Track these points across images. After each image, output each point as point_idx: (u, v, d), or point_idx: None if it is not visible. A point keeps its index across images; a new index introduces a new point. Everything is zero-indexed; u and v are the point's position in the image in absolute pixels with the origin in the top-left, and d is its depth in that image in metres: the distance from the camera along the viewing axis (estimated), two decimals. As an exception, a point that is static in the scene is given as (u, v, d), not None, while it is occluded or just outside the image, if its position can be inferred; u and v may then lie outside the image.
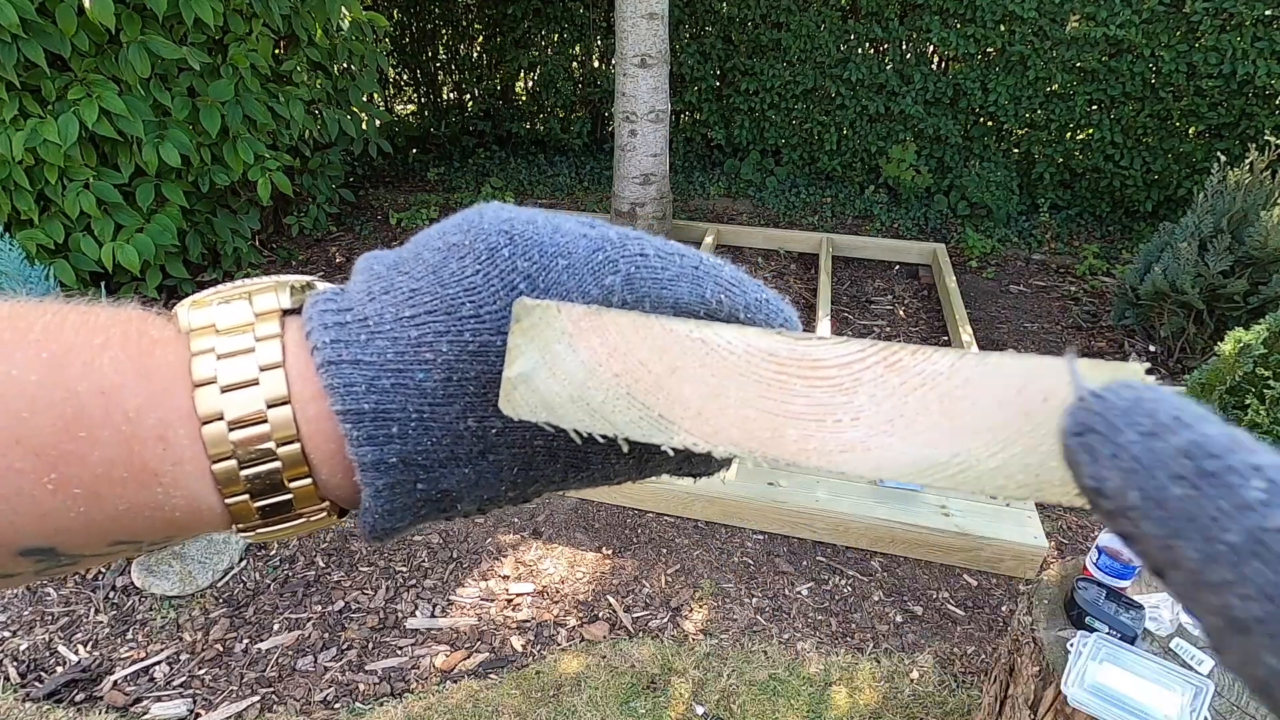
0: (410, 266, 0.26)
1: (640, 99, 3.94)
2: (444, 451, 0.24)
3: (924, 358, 0.19)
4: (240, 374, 0.24)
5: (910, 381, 0.19)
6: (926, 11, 4.72)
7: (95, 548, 0.24)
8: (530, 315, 0.22)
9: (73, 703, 1.85)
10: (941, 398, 0.19)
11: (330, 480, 0.25)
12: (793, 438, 0.20)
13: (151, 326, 0.25)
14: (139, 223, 2.98)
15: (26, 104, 2.59)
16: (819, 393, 0.20)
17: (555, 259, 0.25)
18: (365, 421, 0.24)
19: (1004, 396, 0.18)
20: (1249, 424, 2.18)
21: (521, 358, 0.22)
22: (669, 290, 0.25)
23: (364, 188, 5.32)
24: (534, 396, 0.22)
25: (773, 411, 0.20)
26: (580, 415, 0.22)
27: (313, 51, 3.56)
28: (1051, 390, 0.18)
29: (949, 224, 4.91)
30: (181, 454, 0.23)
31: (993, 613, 2.15)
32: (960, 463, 0.19)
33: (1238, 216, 3.01)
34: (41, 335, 0.23)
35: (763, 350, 0.20)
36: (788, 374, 0.20)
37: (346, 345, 0.24)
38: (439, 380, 0.24)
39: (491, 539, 2.37)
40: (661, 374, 0.21)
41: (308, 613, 2.11)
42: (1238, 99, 4.30)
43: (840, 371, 0.20)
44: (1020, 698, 1.36)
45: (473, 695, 1.88)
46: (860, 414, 0.19)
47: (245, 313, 0.26)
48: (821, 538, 2.38)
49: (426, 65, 6.11)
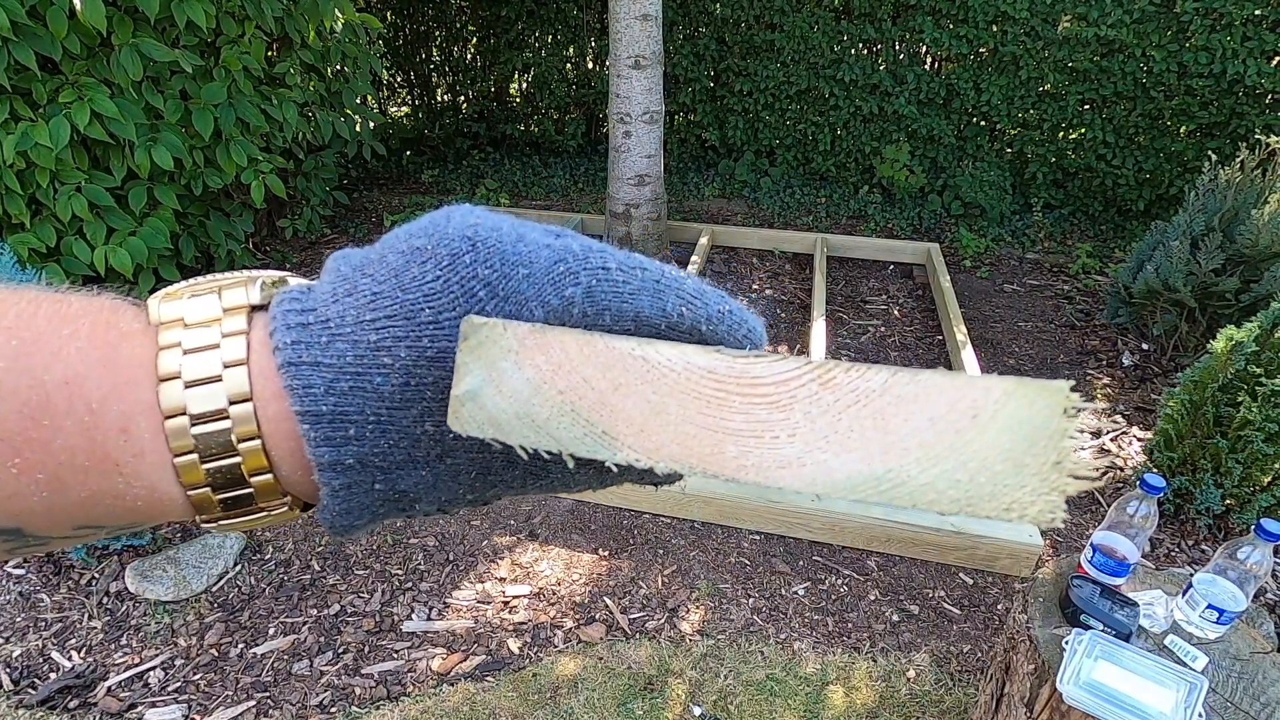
0: (374, 269, 0.26)
1: (634, 100, 3.94)
2: (401, 454, 0.25)
3: (858, 375, 0.19)
4: (204, 370, 0.24)
5: (844, 399, 0.19)
6: (919, 12, 4.73)
7: (60, 530, 0.25)
8: (477, 333, 0.22)
9: (66, 709, 1.83)
10: (874, 415, 0.19)
11: (291, 476, 0.26)
12: (732, 454, 0.20)
13: (121, 318, 0.25)
14: (131, 226, 2.97)
15: (17, 107, 2.58)
16: (757, 409, 0.20)
17: (516, 268, 0.25)
18: (323, 423, 0.24)
19: (935, 413, 0.19)
20: (1242, 421, 2.19)
21: (469, 375, 0.22)
22: (630, 304, 0.25)
23: (358, 190, 5.31)
24: (481, 413, 0.22)
25: (712, 428, 0.20)
26: (526, 432, 0.22)
27: (306, 54, 3.55)
28: (980, 407, 0.18)
29: (943, 224, 4.92)
30: (143, 446, 0.24)
31: (988, 611, 2.16)
32: (893, 478, 0.19)
33: (1229, 215, 3.02)
34: (14, 323, 0.23)
35: (702, 368, 0.21)
36: (726, 391, 0.20)
37: (307, 347, 0.24)
38: (397, 385, 0.24)
39: (487, 541, 2.37)
40: (605, 391, 0.21)
41: (303, 617, 2.10)
42: (1228, 98, 4.32)
43: (777, 389, 0.20)
44: (1016, 696, 1.37)
45: (469, 698, 1.87)
46: (796, 430, 0.20)
47: (214, 307, 0.26)
48: (818, 537, 2.38)
49: (420, 67, 6.10)
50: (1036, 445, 0.18)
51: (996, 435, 0.18)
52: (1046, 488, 0.18)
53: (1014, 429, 0.18)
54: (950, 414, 0.19)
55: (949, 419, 0.19)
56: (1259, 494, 2.25)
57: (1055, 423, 0.18)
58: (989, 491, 0.18)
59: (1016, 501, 0.18)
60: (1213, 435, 2.28)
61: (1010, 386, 0.18)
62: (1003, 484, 0.18)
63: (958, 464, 0.18)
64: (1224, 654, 1.30)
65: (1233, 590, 1.29)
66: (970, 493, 0.18)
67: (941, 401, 0.19)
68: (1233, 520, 2.34)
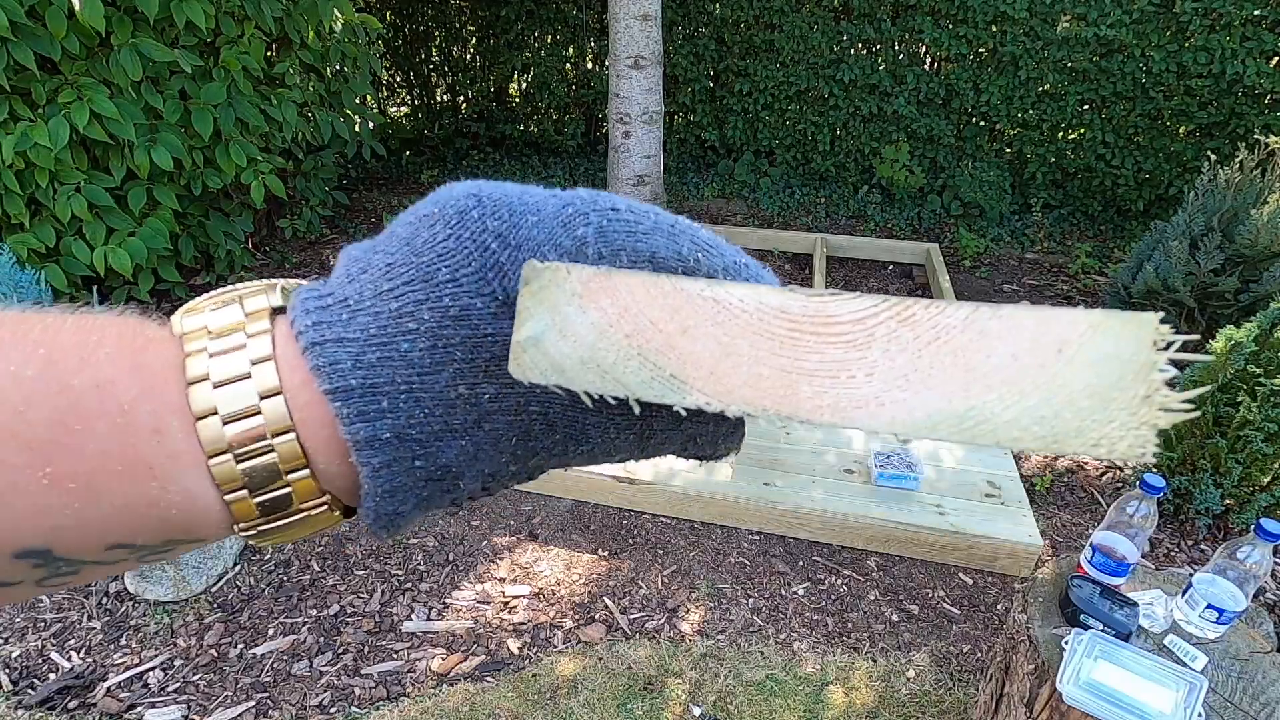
0: (384, 245, 0.26)
1: (634, 100, 3.94)
2: (438, 423, 0.24)
3: (938, 311, 0.19)
4: (232, 370, 0.24)
5: (924, 336, 0.19)
6: (919, 12, 4.73)
7: (93, 550, 0.24)
8: (539, 277, 0.22)
9: (66, 710, 1.83)
10: (955, 351, 0.19)
11: (329, 469, 0.25)
12: (807, 394, 0.20)
13: (147, 328, 0.25)
14: (131, 226, 2.97)
15: (16, 107, 2.58)
16: (833, 349, 0.20)
17: (524, 216, 0.25)
18: (354, 397, 0.23)
19: (1018, 349, 0.18)
20: (1241, 421, 2.20)
21: (531, 320, 0.22)
22: (644, 243, 0.25)
23: (357, 190, 5.31)
24: (544, 359, 0.22)
25: (786, 369, 0.20)
26: (591, 377, 0.21)
27: (305, 54, 3.55)
28: (1065, 340, 0.18)
29: (942, 224, 4.93)
30: (176, 447, 0.23)
31: (988, 611, 2.16)
32: (975, 416, 0.18)
33: (1228, 215, 3.02)
34: (41, 335, 0.23)
35: (775, 307, 0.20)
36: (801, 331, 0.20)
37: (329, 325, 0.24)
38: (424, 348, 0.24)
39: (487, 541, 2.37)
40: (673, 334, 0.21)
41: (303, 617, 2.10)
42: (1227, 98, 4.33)
43: (854, 327, 0.20)
44: (1016, 696, 1.37)
45: (469, 698, 1.87)
46: (874, 369, 0.19)
47: (236, 314, 0.26)
48: (817, 537, 2.38)
49: (420, 67, 6.10)
50: (1125, 379, 0.17)
51: (1083, 370, 0.18)
52: (1136, 422, 0.17)
53: (1101, 363, 0.18)
54: (1035, 349, 0.18)
55: (1033, 354, 0.18)
56: (1258, 494, 2.25)
57: (1144, 355, 0.17)
58: (1075, 427, 0.18)
59: (1105, 437, 0.18)
60: (1212, 435, 2.28)
61: (1097, 319, 0.18)
62: (1090, 419, 0.18)
63: (1042, 400, 0.18)
64: (1224, 654, 1.30)
65: (1232, 590, 1.29)
66: (1056, 429, 0.18)
67: (1025, 336, 0.18)
68: (1232, 520, 2.34)
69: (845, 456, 2.60)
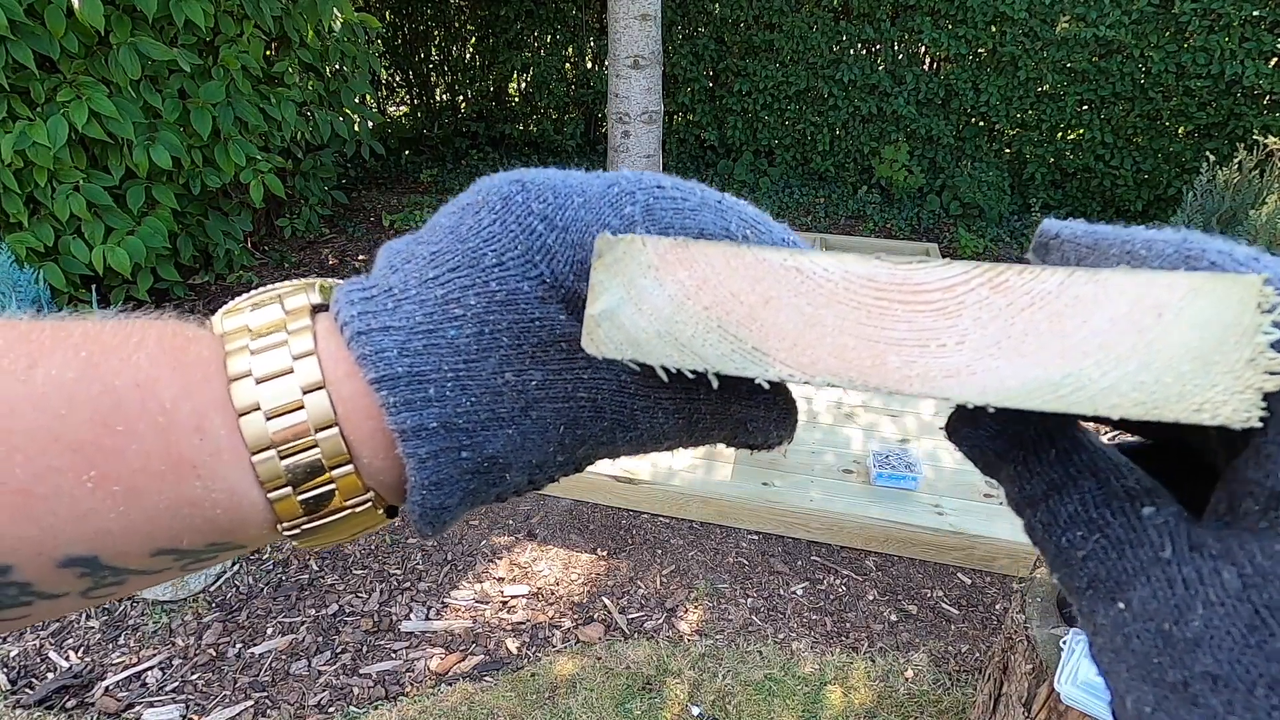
0: (428, 235, 0.26)
1: (633, 100, 3.95)
2: (484, 411, 0.24)
3: (1032, 277, 0.19)
4: (274, 365, 0.24)
5: (1017, 302, 0.19)
6: (918, 12, 4.74)
7: (138, 556, 0.24)
8: (613, 250, 0.22)
9: (64, 709, 1.83)
10: (1050, 317, 0.18)
11: (373, 464, 0.25)
12: (894, 365, 0.19)
13: (187, 328, 0.25)
14: (130, 225, 2.97)
15: (15, 106, 2.57)
16: (921, 317, 0.19)
17: (570, 197, 0.25)
18: (400, 386, 0.23)
19: (1115, 313, 0.18)
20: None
21: (605, 294, 0.22)
22: (692, 219, 0.25)
23: (356, 190, 5.31)
24: (619, 333, 0.22)
25: (873, 339, 0.20)
26: (668, 350, 0.21)
27: (304, 53, 3.54)
28: (1164, 304, 0.17)
29: (941, 224, 4.93)
30: (219, 444, 0.23)
31: (987, 611, 2.16)
32: (1072, 383, 0.18)
33: (1227, 215, 3.03)
34: (80, 339, 0.23)
35: (861, 276, 0.20)
36: (888, 299, 0.20)
37: (375, 314, 0.24)
38: (471, 335, 0.24)
39: (486, 541, 2.37)
40: (755, 305, 0.21)
41: (301, 616, 2.10)
42: (1226, 99, 4.33)
43: (943, 295, 0.19)
44: (1014, 695, 1.37)
45: (468, 698, 1.87)
46: (965, 337, 0.19)
47: (277, 312, 0.26)
48: (816, 537, 2.38)
49: (419, 67, 6.10)
50: (1227, 342, 0.17)
51: (1183, 333, 0.17)
52: (1240, 385, 0.17)
53: (1202, 326, 0.17)
54: (1132, 313, 0.18)
55: (1131, 318, 0.18)
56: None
57: (1248, 318, 0.17)
58: (1176, 392, 0.17)
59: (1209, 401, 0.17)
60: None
61: (1198, 282, 0.17)
62: (1192, 384, 0.17)
63: (1141, 365, 0.17)
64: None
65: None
66: (1156, 394, 0.17)
67: (1122, 300, 0.18)
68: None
69: (844, 456, 2.60)
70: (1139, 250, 0.20)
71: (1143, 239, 0.21)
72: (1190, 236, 0.20)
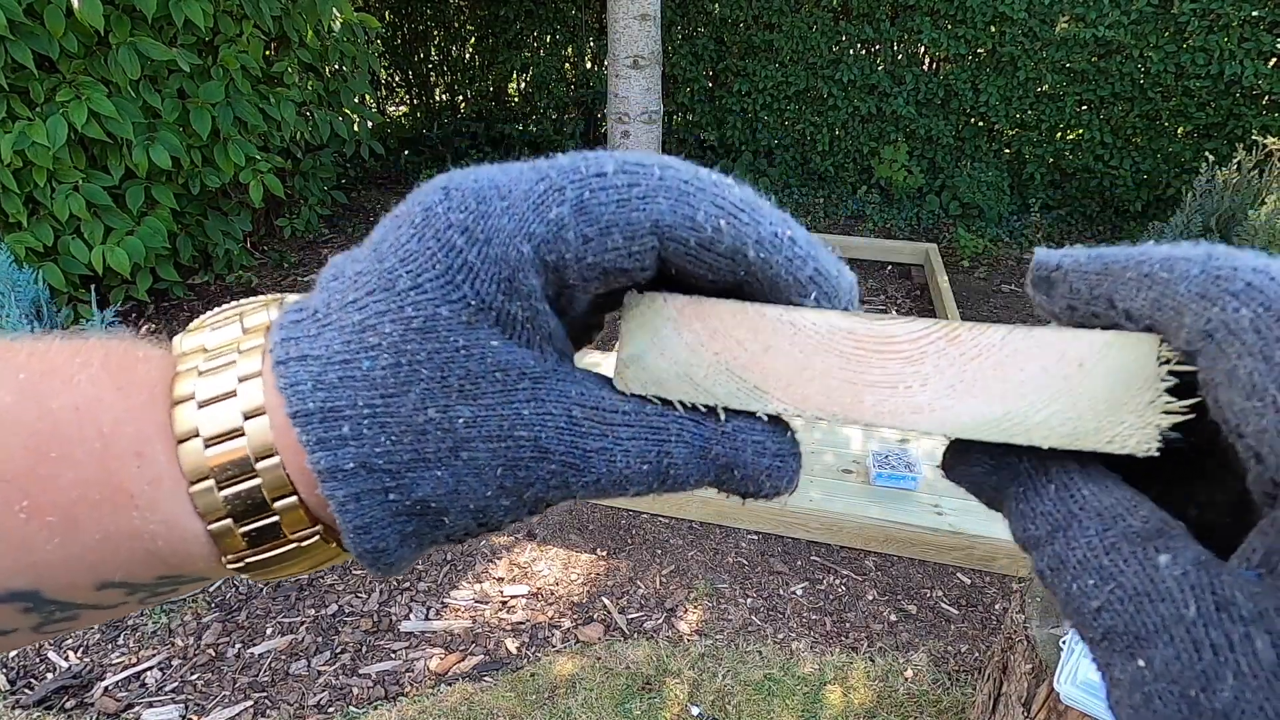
0: (360, 250, 0.24)
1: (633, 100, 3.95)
2: (407, 451, 0.22)
3: (980, 332, 0.23)
4: (218, 388, 0.22)
5: (969, 352, 0.23)
6: (918, 13, 4.74)
7: (83, 591, 0.22)
8: (639, 305, 0.25)
9: (63, 709, 1.83)
10: (995, 365, 0.22)
11: (310, 498, 0.23)
12: (870, 403, 0.23)
13: (138, 348, 0.24)
14: (129, 225, 2.97)
15: (14, 106, 2.57)
16: (892, 364, 0.23)
17: (492, 202, 0.22)
18: (314, 423, 0.21)
19: (1046, 363, 0.22)
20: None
21: (633, 341, 0.25)
22: (641, 211, 0.22)
23: (356, 190, 5.31)
24: (644, 374, 0.25)
25: (852, 381, 0.23)
26: (686, 388, 0.24)
27: (304, 53, 3.54)
28: (1084, 357, 0.22)
29: (941, 224, 4.93)
30: (159, 472, 0.22)
31: (986, 611, 2.16)
32: (1011, 418, 0.22)
33: (1226, 215, 3.03)
34: (25, 360, 0.22)
35: (843, 329, 0.23)
36: (865, 349, 0.23)
37: (296, 341, 0.22)
38: (387, 366, 0.21)
39: (485, 541, 2.37)
40: (756, 352, 0.24)
41: (301, 617, 2.10)
42: (1225, 99, 4.33)
43: (910, 345, 0.23)
44: (1013, 695, 1.37)
45: (467, 698, 1.87)
46: (927, 380, 0.23)
47: (235, 331, 0.24)
48: (816, 537, 2.38)
49: (418, 67, 6.10)
50: (1133, 388, 0.21)
51: (1099, 380, 0.21)
52: (1142, 423, 0.21)
53: (1114, 374, 0.21)
54: (1060, 363, 0.22)
55: (1059, 367, 0.22)
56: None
57: (1150, 368, 0.21)
58: (1094, 427, 0.21)
59: (1118, 435, 0.21)
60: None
61: (1111, 339, 0.21)
62: (1106, 420, 0.21)
63: (1067, 405, 0.22)
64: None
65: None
66: (1078, 429, 0.22)
67: (1052, 353, 0.22)
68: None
69: (843, 456, 2.60)
70: (1158, 273, 0.20)
71: (1160, 259, 0.20)
72: (1215, 253, 0.19)
